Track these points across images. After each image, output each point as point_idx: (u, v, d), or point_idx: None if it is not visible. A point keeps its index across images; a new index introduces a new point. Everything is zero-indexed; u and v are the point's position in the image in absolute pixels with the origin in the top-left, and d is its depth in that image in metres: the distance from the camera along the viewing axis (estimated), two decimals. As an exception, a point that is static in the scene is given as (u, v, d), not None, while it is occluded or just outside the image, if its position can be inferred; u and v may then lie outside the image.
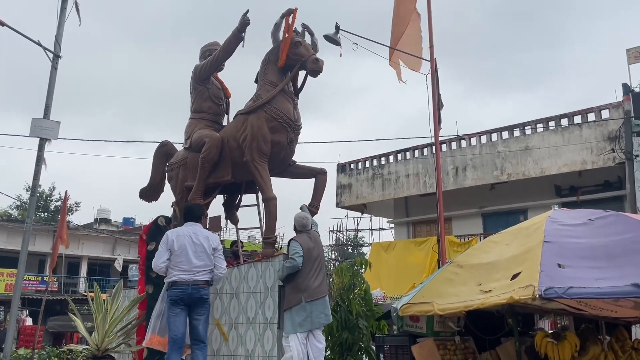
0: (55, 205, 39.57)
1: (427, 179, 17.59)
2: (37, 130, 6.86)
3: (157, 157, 7.67)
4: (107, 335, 6.06)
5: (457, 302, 4.08)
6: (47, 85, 7.08)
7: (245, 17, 6.64)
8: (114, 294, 6.59)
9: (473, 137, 17.09)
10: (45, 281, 24.36)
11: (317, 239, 5.84)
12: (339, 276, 7.33)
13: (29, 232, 6.78)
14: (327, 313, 5.51)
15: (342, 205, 20.05)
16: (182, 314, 5.24)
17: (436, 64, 8.10)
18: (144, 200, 7.76)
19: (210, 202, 7.01)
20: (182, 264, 5.23)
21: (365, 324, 6.91)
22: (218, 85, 7.40)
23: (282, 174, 6.88)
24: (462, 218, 17.65)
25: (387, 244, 18.13)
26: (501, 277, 4.04)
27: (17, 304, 6.99)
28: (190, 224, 5.54)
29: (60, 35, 7.25)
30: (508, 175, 16.07)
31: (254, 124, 6.38)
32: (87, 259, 30.77)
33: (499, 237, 5.07)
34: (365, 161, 19.47)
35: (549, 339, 4.41)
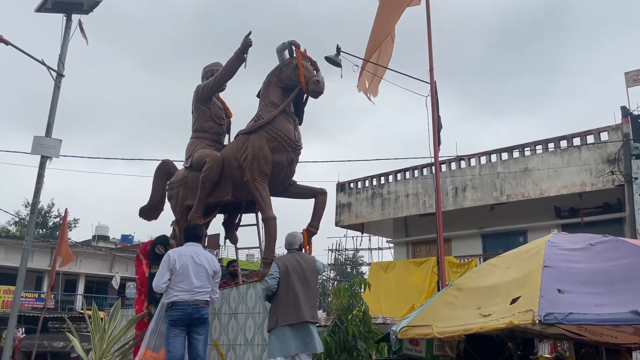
0: (54, 222, 39.49)
1: (426, 199, 17.61)
2: (38, 148, 6.90)
3: (158, 176, 7.69)
4: (105, 356, 6.01)
5: (456, 326, 4.07)
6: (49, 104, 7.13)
7: (248, 38, 6.71)
8: (112, 313, 6.55)
9: (472, 157, 17.16)
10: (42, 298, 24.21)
11: (307, 261, 5.57)
12: (337, 297, 7.28)
13: (28, 249, 6.77)
14: (310, 342, 5.20)
15: (341, 224, 20.04)
16: (181, 335, 5.22)
17: (436, 86, 8.18)
18: (144, 219, 7.76)
19: (210, 221, 7.01)
20: (183, 284, 5.22)
21: (364, 346, 6.84)
22: (220, 105, 7.45)
23: (282, 193, 6.89)
24: (462, 239, 17.64)
25: (386, 264, 18.05)
26: (500, 301, 4.03)
27: (14, 321, 6.96)
28: (191, 244, 5.54)
29: (63, 54, 7.32)
30: (507, 196, 16.09)
31: (255, 143, 6.41)
32: (85, 276, 30.59)
33: (498, 260, 5.05)
34: (364, 180, 19.51)
35: (550, 364, 4.38)
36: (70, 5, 7.26)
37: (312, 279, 5.47)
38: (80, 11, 7.36)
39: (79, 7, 7.32)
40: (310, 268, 5.50)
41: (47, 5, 7.24)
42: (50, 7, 7.26)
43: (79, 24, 7.24)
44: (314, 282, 5.50)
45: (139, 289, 6.64)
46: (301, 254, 5.67)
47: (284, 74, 6.55)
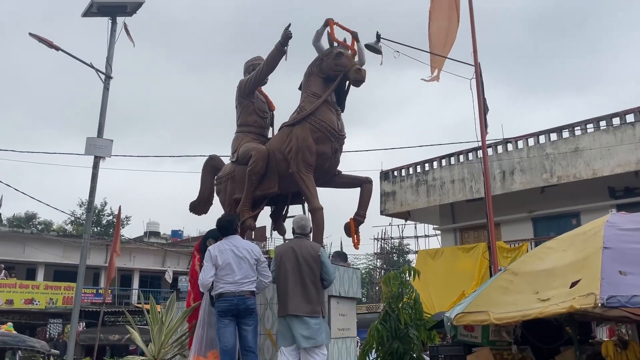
0: (107, 220, 40.93)
1: (473, 184, 17.30)
2: (91, 149, 7.15)
3: (206, 171, 7.83)
4: (163, 347, 6.17)
5: (514, 312, 3.98)
6: (100, 106, 7.37)
7: (288, 30, 6.72)
8: (168, 305, 6.71)
9: (520, 140, 16.73)
10: (100, 294, 25.15)
11: (307, 250, 5.34)
12: (387, 285, 7.28)
13: (86, 247, 7.03)
14: (309, 335, 5.03)
15: (386, 213, 19.94)
16: (230, 325, 5.30)
17: (480, 68, 8.00)
18: (194, 213, 7.92)
19: (258, 214, 7.10)
20: (227, 277, 5.30)
21: (415, 333, 6.81)
22: (262, 98, 7.51)
23: (327, 184, 6.91)
24: (511, 223, 17.25)
25: (433, 251, 17.89)
26: (559, 284, 3.91)
27: (77, 316, 7.26)
28: (228, 237, 5.60)
29: (111, 57, 7.54)
30: (558, 177, 15.62)
31: (298, 135, 6.44)
32: (139, 271, 31.61)
33: (554, 243, 4.91)
34: (408, 168, 19.32)
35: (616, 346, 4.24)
36: (115, 8, 7.46)
37: (308, 269, 5.25)
38: (124, 13, 7.56)
39: (122, 10, 7.52)
40: (307, 257, 5.28)
41: (92, 10, 7.47)
42: (95, 11, 7.49)
43: (124, 26, 7.43)
44: (310, 271, 5.26)
45: (191, 281, 6.78)
46: (303, 241, 5.49)
47: (325, 64, 6.55)
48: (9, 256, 27.48)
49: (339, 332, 6.15)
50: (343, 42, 6.56)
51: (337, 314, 6.13)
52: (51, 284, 26.83)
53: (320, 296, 5.38)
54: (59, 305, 25.29)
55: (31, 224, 38.98)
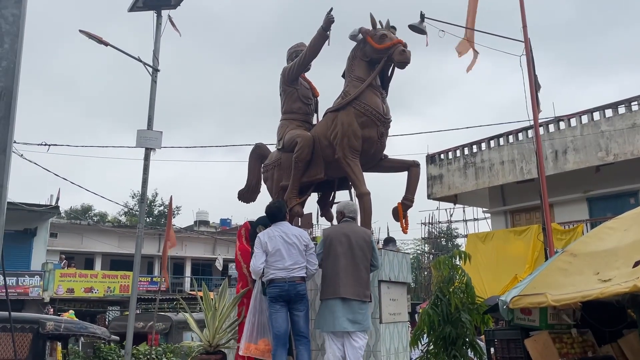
0: (159, 210, 42.16)
1: (523, 165, 16.83)
2: (142, 141, 7.32)
3: (252, 159, 7.90)
4: (217, 332, 6.31)
5: (573, 293, 3.85)
6: (148, 99, 7.53)
7: (330, 15, 6.66)
8: (221, 292, 6.85)
9: (572, 117, 16.12)
10: (155, 282, 25.97)
11: (358, 233, 5.39)
12: (437, 269, 7.19)
13: (141, 237, 7.24)
14: (355, 319, 5.07)
15: (433, 197, 19.67)
16: (282, 310, 5.36)
17: (530, 44, 7.71)
18: (243, 201, 8.02)
19: (306, 200, 7.12)
20: (278, 263, 5.35)
21: (468, 318, 6.71)
22: (306, 85, 7.49)
23: (374, 168, 6.85)
24: (565, 204, 16.72)
25: (484, 235, 17.55)
26: (621, 264, 3.75)
27: (134, 304, 7.51)
28: (277, 224, 5.63)
29: (157, 50, 7.68)
30: (615, 155, 14.99)
31: (343, 120, 6.39)
32: (190, 259, 32.46)
33: (615, 222, 4.71)
34: (455, 150, 18.96)
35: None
36: (159, 2, 7.59)
37: (361, 253, 5.27)
38: (168, 6, 7.68)
39: (167, 3, 7.65)
40: (360, 241, 5.30)
41: (138, 4, 7.62)
42: (141, 6, 7.65)
43: (169, 19, 7.55)
44: (363, 256, 5.28)
45: (239, 266, 6.87)
46: (355, 226, 5.51)
47: (368, 47, 6.45)
48: (68, 247, 28.76)
49: (390, 316, 6.13)
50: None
51: (387, 299, 6.10)
52: (108, 272, 27.90)
53: (369, 281, 5.39)
54: (116, 293, 26.26)
55: (87, 216, 40.56)
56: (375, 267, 5.51)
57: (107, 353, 8.89)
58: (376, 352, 5.70)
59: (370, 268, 5.41)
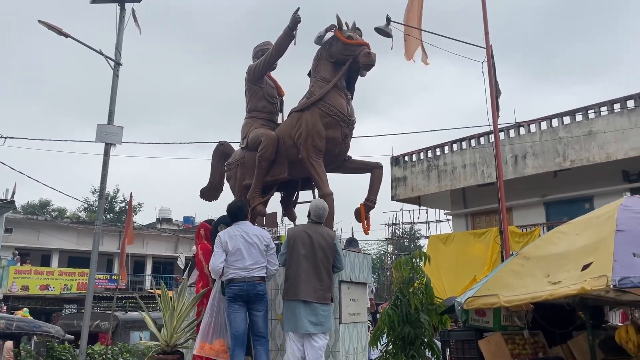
0: (120, 207, 41.31)
1: (484, 168, 17.18)
2: (102, 136, 7.17)
3: (216, 158, 7.84)
4: (175, 332, 6.23)
5: (524, 294, 3.96)
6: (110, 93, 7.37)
7: (296, 15, 6.66)
8: (180, 291, 6.76)
9: (532, 124, 16.53)
10: (114, 279, 25.46)
11: (322, 236, 5.34)
12: (398, 270, 7.27)
13: (99, 234, 7.09)
14: (318, 321, 5.08)
15: (397, 198, 19.88)
16: (241, 310, 5.32)
17: (492, 51, 7.89)
18: (205, 199, 7.95)
19: (269, 200, 7.10)
20: (238, 263, 5.32)
21: (427, 318, 6.81)
22: (271, 84, 7.47)
23: (337, 169, 6.89)
24: (524, 207, 17.13)
25: (445, 237, 17.83)
26: (571, 268, 3.88)
27: (90, 302, 7.34)
28: (238, 223, 5.60)
29: (120, 43, 7.53)
30: (571, 161, 15.45)
31: (308, 120, 6.40)
32: (152, 257, 31.93)
33: (567, 227, 4.87)
34: (419, 153, 19.21)
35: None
36: (123, -5, 7.44)
37: (323, 255, 5.26)
38: (132, 0, 7.53)
39: (131, -4, 7.50)
40: (322, 243, 5.29)
41: (101, -4, 7.45)
42: (104, -2, 7.47)
43: (132, 13, 7.40)
44: (325, 258, 5.27)
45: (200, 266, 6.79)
46: (319, 227, 5.48)
47: (334, 48, 6.49)
48: (24, 243, 27.86)
49: (350, 317, 6.16)
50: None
51: (348, 299, 6.14)
52: (65, 270, 27.20)
53: (332, 283, 5.40)
54: (73, 291, 25.65)
55: (45, 211, 39.42)
56: (338, 269, 5.52)
57: (61, 352, 8.68)
58: (335, 352, 5.73)
59: (333, 269, 5.43)
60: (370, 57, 6.22)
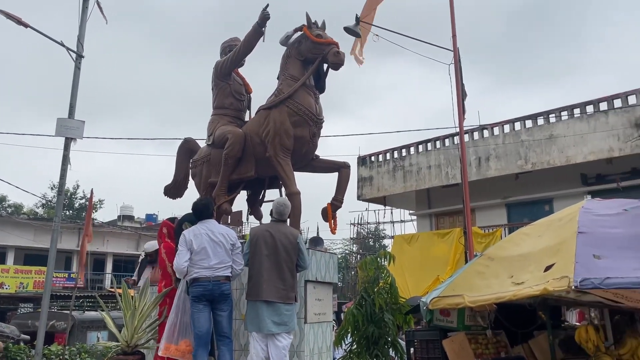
0: (80, 203, 40.29)
1: (449, 170, 17.44)
2: (62, 130, 6.94)
3: (181, 154, 7.71)
4: (137, 332, 6.09)
5: (488, 294, 4.02)
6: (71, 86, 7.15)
7: (265, 11, 6.60)
8: (142, 290, 6.62)
9: (496, 126, 16.87)
10: (72, 278, 24.82)
11: (284, 235, 5.30)
12: (363, 270, 7.29)
13: (57, 230, 6.87)
14: (281, 321, 5.05)
15: (363, 198, 20.01)
16: (205, 310, 5.25)
17: (459, 53, 7.99)
18: (169, 197, 7.81)
19: (235, 198, 7.02)
20: (203, 262, 5.24)
21: (391, 318, 6.85)
22: (239, 81, 7.39)
23: (305, 168, 6.85)
24: (486, 209, 17.47)
25: (409, 236, 18.01)
26: (534, 269, 3.96)
27: (47, 301, 7.11)
28: (204, 221, 5.52)
29: (82, 35, 7.30)
30: (532, 164, 15.83)
31: (276, 119, 6.35)
32: (112, 255, 31.23)
33: (530, 229, 4.96)
34: (386, 153, 19.37)
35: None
36: (86, -16, 7.22)
37: (286, 255, 5.22)
38: (96, -10, 7.31)
39: (94, -14, 7.28)
40: (285, 242, 5.24)
41: (63, -14, 7.21)
42: (66, -12, 7.23)
43: (97, 3, 7.20)
44: (288, 257, 5.23)
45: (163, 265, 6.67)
46: (282, 226, 5.44)
47: (304, 46, 6.45)
48: (-23, 240, 26.84)
49: (315, 316, 6.15)
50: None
51: (313, 299, 6.12)
52: (21, 267, 26.37)
53: (295, 282, 5.36)
54: (29, 289, 24.88)
55: (1, 207, 38.11)
56: (302, 268, 5.48)
57: (16, 353, 8.37)
58: (300, 352, 5.70)
59: (296, 269, 5.39)
60: (339, 56, 6.21)
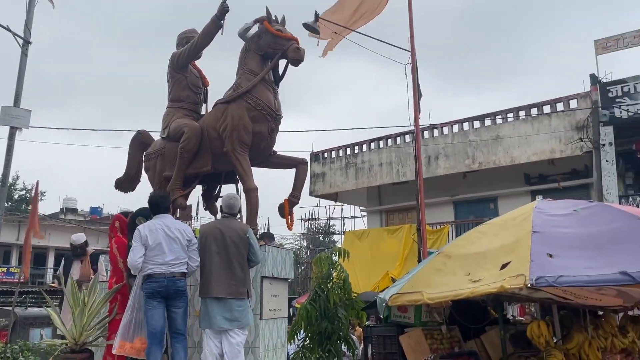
0: (20, 195, 38.57)
1: (400, 167, 17.75)
2: (7, 119, 6.63)
3: (133, 147, 7.50)
4: (85, 329, 5.90)
5: (446, 291, 4.13)
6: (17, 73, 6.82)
7: (224, 3, 6.49)
8: (91, 286, 6.41)
9: (445, 126, 17.30)
10: (12, 272, 23.75)
11: (234, 230, 5.25)
12: (318, 266, 7.34)
13: (0, 224, 6.55)
14: (233, 317, 5.02)
15: (315, 194, 20.10)
16: (159, 307, 5.14)
17: (415, 54, 8.13)
18: (120, 190, 7.59)
19: (190, 193, 6.89)
20: (157, 258, 5.13)
21: (344, 313, 6.93)
22: (196, 73, 7.24)
23: (262, 164, 6.81)
24: (434, 206, 17.85)
25: (360, 232, 18.22)
26: (490, 267, 4.09)
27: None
28: (159, 216, 5.40)
29: (30, 20, 6.98)
30: (479, 163, 16.34)
31: (234, 113, 6.27)
32: (54, 249, 30.07)
33: (485, 227, 5.12)
34: (338, 150, 19.51)
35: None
36: (34, -32, 6.90)
37: (236, 250, 5.19)
38: (44, -26, 7.00)
39: (43, -30, 6.97)
40: (235, 238, 5.21)
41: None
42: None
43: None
44: (238, 253, 5.20)
45: (114, 261, 6.48)
46: (231, 222, 5.41)
47: (263, 41, 6.39)
48: None
49: (271, 312, 6.13)
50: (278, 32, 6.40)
51: (269, 295, 6.09)
52: (-45, 262, 24.99)
53: (247, 277, 5.32)
54: (-36, 285, 23.63)
55: None
56: (254, 263, 5.44)
57: (-49, 352, 7.93)
58: (255, 348, 5.68)
59: (248, 264, 5.36)
60: (299, 52, 6.19)
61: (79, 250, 8.07)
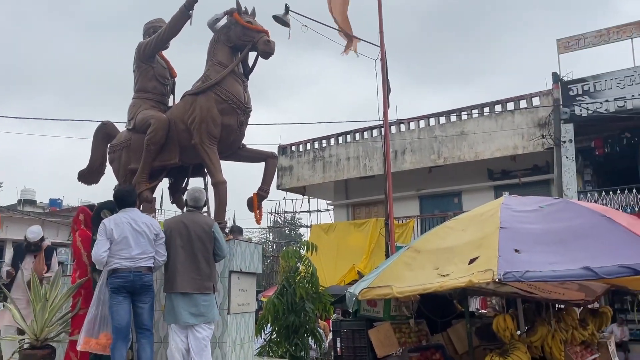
0: (-28, 186, 37.09)
1: (367, 161, 17.86)
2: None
3: (98, 138, 7.30)
4: (47, 325, 5.74)
5: (415, 285, 4.18)
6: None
7: (193, -6, 6.37)
8: (53, 281, 6.23)
9: (412, 121, 17.48)
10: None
11: (199, 224, 5.19)
12: (286, 260, 7.34)
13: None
14: (199, 312, 4.97)
15: (282, 187, 20.06)
16: (125, 302, 5.04)
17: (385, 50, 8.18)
18: (83, 182, 7.40)
19: (156, 186, 6.77)
20: (123, 252, 5.02)
21: (311, 307, 6.95)
22: (163, 64, 7.09)
23: (231, 157, 6.73)
24: (400, 200, 18.03)
25: (327, 226, 18.31)
26: (459, 261, 4.16)
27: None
28: (126, 210, 5.29)
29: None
30: (444, 159, 16.58)
31: (203, 105, 6.17)
32: (12, 242, 29.14)
33: (453, 223, 5.20)
34: (306, 144, 19.50)
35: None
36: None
37: (201, 245, 5.14)
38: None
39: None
40: (200, 232, 5.15)
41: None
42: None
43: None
44: (203, 247, 5.15)
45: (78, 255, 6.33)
46: (196, 215, 5.36)
47: (233, 32, 6.30)
48: None
49: (238, 307, 6.08)
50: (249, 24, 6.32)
51: (237, 290, 6.04)
52: None
53: (213, 272, 5.26)
54: None
55: None
56: (220, 257, 5.38)
57: None
58: (222, 342, 5.63)
59: (214, 258, 5.30)
60: (269, 45, 6.12)
61: (33, 247, 7.80)
